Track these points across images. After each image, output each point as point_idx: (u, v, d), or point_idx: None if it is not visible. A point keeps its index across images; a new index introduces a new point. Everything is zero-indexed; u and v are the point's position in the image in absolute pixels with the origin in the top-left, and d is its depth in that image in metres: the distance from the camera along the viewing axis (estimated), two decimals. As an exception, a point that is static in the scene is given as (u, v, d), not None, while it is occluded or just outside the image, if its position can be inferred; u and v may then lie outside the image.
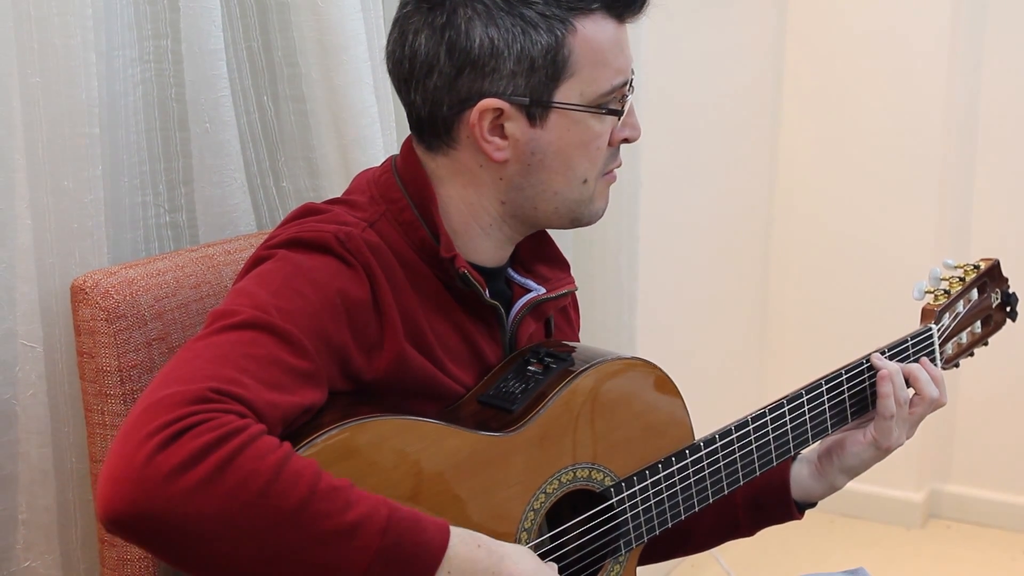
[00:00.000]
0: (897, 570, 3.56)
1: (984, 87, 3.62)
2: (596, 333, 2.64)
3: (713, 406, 2.34)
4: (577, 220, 1.56)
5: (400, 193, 1.49)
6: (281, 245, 1.41)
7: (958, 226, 3.68)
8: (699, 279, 3.52)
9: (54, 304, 1.63)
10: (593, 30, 1.46)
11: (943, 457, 3.84)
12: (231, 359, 1.26)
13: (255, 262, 1.42)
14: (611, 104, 1.50)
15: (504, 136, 1.47)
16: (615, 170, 1.57)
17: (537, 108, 1.46)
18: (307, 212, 1.48)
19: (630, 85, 1.52)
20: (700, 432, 1.63)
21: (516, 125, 1.47)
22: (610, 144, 1.52)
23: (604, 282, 2.69)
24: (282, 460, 1.20)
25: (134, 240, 1.77)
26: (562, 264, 1.65)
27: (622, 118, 1.52)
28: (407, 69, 1.47)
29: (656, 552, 1.72)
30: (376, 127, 1.96)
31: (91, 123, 1.62)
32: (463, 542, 1.29)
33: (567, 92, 1.47)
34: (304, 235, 1.41)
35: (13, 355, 1.62)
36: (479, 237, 1.53)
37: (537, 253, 1.63)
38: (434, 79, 1.45)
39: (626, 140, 1.55)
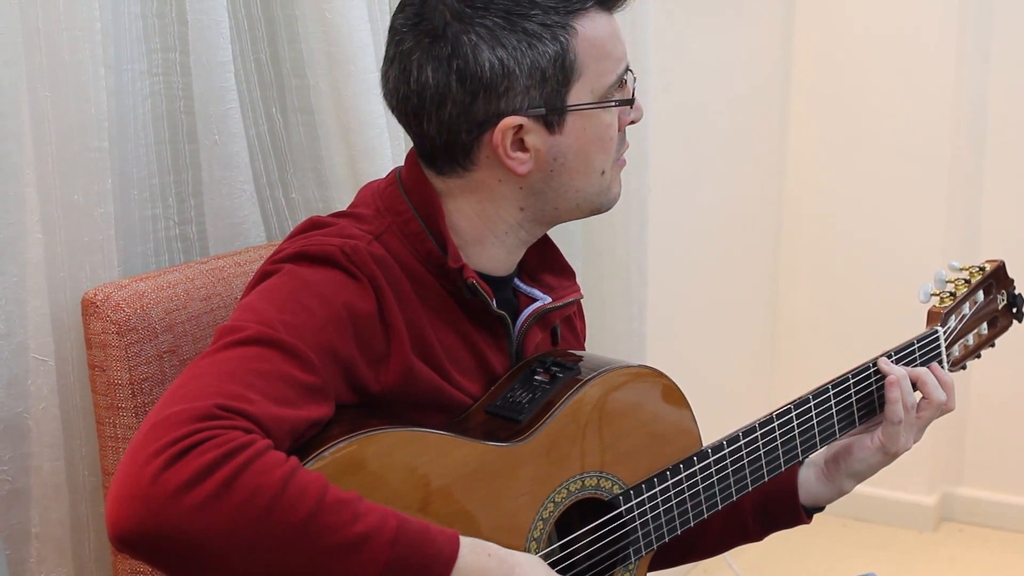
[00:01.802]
0: (909, 574, 3.55)
1: (992, 88, 3.61)
2: (606, 340, 2.65)
3: (724, 411, 2.34)
4: (597, 210, 1.57)
5: (405, 205, 1.50)
6: (287, 259, 1.42)
7: (967, 228, 3.67)
8: (709, 284, 3.52)
9: (65, 318, 1.64)
10: (591, 27, 1.47)
11: (955, 460, 3.83)
12: (237, 375, 1.27)
13: (261, 276, 1.43)
14: (616, 92, 1.51)
15: (525, 149, 1.48)
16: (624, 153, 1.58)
17: (554, 115, 1.47)
18: (313, 226, 1.48)
19: (628, 68, 1.53)
20: (710, 437, 1.63)
21: (536, 136, 1.47)
22: (619, 130, 1.54)
23: (614, 288, 2.69)
24: (288, 474, 1.21)
25: (144, 253, 1.78)
26: (567, 273, 1.66)
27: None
28: (416, 104, 1.47)
29: (665, 558, 1.73)
30: (384, 137, 1.97)
31: (100, 137, 1.63)
32: (473, 552, 1.29)
33: (579, 93, 1.48)
34: (310, 249, 1.41)
35: (25, 369, 1.63)
36: (493, 245, 1.54)
37: (543, 262, 1.64)
38: (448, 109, 1.45)
39: (632, 122, 1.56)
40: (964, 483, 3.85)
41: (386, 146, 1.97)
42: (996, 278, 1.93)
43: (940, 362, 1.80)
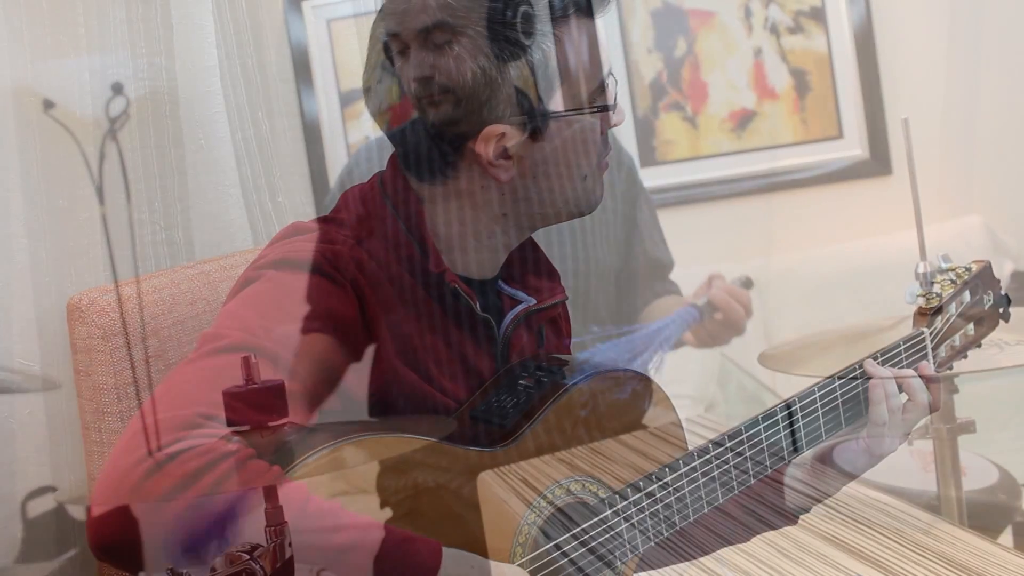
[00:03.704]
0: (906, 575, 3.54)
1: (985, 88, 3.61)
2: (598, 342, 2.64)
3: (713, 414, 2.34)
4: (579, 213, 1.57)
5: (388, 210, 1.50)
6: (269, 266, 1.42)
7: (957, 228, 3.67)
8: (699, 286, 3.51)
9: (51, 322, 1.64)
10: (574, 34, 1.47)
11: (953, 460, 3.82)
12: (220, 383, 1.27)
13: (244, 283, 1.43)
14: (597, 97, 1.51)
15: (508, 156, 1.48)
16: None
17: (536, 123, 1.47)
18: (295, 231, 1.48)
19: (609, 73, 1.53)
20: (696, 441, 1.63)
21: (519, 143, 1.47)
22: (601, 134, 1.54)
23: (607, 292, 2.69)
24: (270, 484, 1.20)
25: (130, 257, 1.78)
26: (552, 274, 1.65)
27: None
28: (397, 113, 1.47)
29: (653, 561, 1.73)
30: (371, 142, 1.97)
31: (85, 141, 1.63)
32: (455, 563, 1.29)
33: (561, 99, 1.48)
34: (292, 255, 1.41)
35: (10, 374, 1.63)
36: (476, 249, 1.54)
37: (526, 264, 1.63)
38: (430, 118, 1.45)
39: (613, 125, 1.56)
40: (962, 484, 3.83)
41: (373, 151, 1.97)
42: (982, 278, 1.93)
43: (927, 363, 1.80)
